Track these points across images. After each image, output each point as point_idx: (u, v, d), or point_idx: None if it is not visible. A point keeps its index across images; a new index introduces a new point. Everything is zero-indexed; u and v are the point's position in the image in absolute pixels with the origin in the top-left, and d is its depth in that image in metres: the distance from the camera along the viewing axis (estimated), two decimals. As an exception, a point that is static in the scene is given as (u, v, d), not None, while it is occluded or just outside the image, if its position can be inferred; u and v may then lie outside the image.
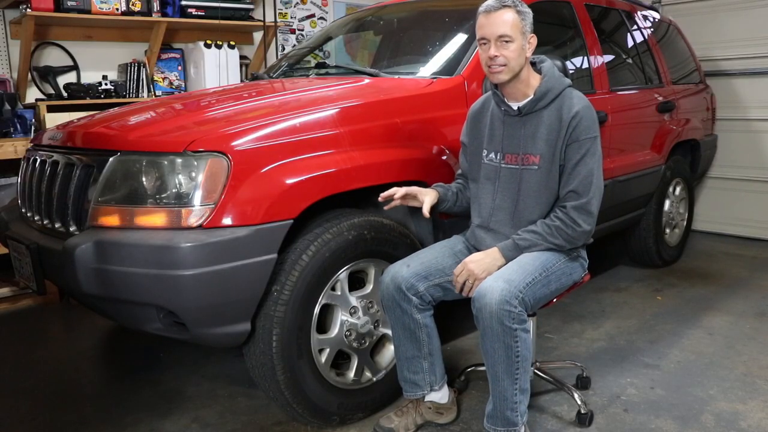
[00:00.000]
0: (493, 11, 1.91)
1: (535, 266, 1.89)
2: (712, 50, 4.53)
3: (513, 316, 1.76)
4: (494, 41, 1.90)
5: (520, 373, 1.83)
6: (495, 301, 1.76)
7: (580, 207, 1.93)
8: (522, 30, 1.91)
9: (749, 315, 3.14)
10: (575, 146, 1.93)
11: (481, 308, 1.79)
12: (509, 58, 1.90)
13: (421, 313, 2.00)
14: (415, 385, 2.08)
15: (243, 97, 2.47)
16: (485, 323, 1.79)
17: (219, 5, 4.25)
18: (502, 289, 1.77)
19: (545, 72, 1.99)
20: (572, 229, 1.93)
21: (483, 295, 1.79)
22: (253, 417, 2.24)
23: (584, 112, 1.94)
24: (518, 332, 1.78)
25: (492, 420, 1.90)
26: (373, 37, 3.45)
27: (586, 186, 1.93)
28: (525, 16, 1.93)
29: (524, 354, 1.82)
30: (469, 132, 2.15)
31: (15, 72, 3.84)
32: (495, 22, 1.90)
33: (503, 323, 1.76)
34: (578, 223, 1.93)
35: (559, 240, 1.94)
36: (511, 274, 1.84)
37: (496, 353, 1.81)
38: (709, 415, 2.21)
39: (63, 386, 2.51)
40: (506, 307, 1.75)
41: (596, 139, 1.96)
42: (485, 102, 2.13)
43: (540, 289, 1.88)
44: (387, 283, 1.99)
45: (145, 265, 1.76)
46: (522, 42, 1.91)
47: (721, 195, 4.68)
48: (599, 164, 1.97)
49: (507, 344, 1.79)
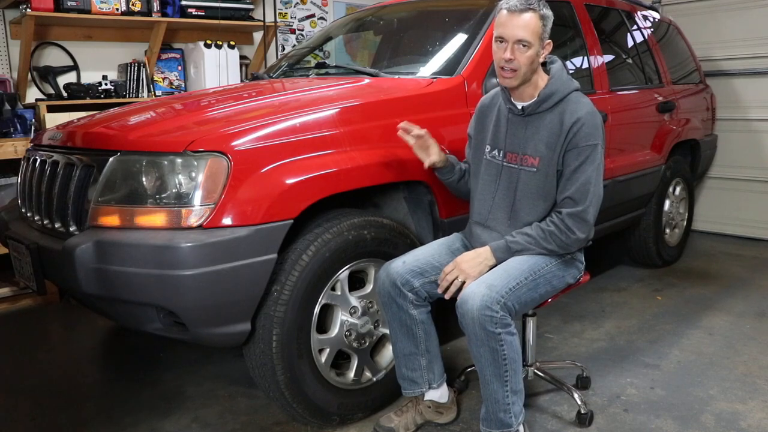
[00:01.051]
0: (518, 12, 1.86)
1: (522, 270, 1.88)
2: (712, 50, 4.53)
3: (495, 320, 1.76)
4: (512, 43, 1.87)
5: (510, 375, 1.83)
6: (476, 306, 1.76)
7: (576, 215, 1.91)
8: (540, 36, 1.88)
9: (749, 315, 3.14)
10: (574, 152, 1.91)
11: (463, 314, 1.80)
12: (522, 64, 1.87)
13: (416, 309, 2.00)
14: (413, 383, 2.08)
15: (243, 97, 2.47)
16: (469, 329, 1.80)
17: (219, 5, 4.25)
18: (483, 295, 1.78)
19: (553, 74, 1.96)
20: (566, 236, 1.92)
21: (465, 301, 1.80)
22: (253, 417, 2.24)
23: (587, 118, 1.90)
24: (502, 336, 1.78)
25: (486, 423, 1.90)
26: (373, 37, 3.45)
27: (583, 194, 1.91)
28: (546, 21, 1.89)
29: (511, 356, 1.82)
30: (476, 125, 2.15)
31: (15, 72, 3.84)
32: (517, 24, 1.86)
33: (485, 328, 1.76)
34: (573, 230, 1.91)
35: (552, 245, 1.93)
36: (495, 279, 1.83)
37: (482, 357, 1.82)
38: (709, 415, 2.21)
39: (63, 386, 2.51)
40: (487, 312, 1.76)
41: (597, 147, 1.91)
42: (494, 97, 2.11)
43: (526, 293, 1.87)
44: (383, 279, 2.00)
45: (145, 265, 1.77)
46: (538, 48, 1.88)
47: (721, 195, 4.67)
48: (599, 172, 1.93)
49: (492, 348, 1.79)
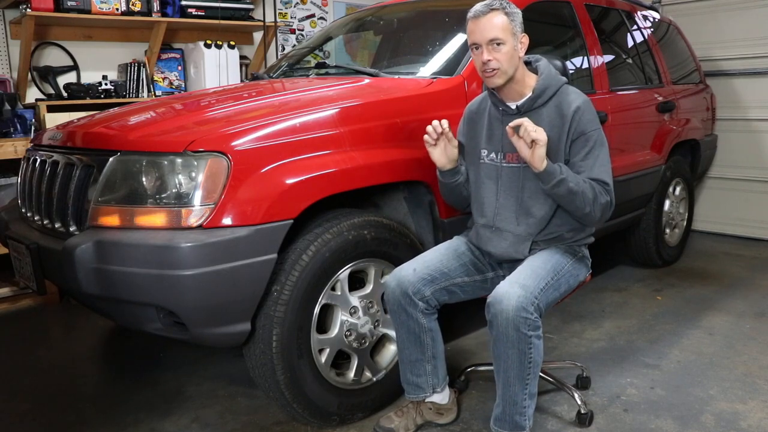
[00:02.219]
0: (482, 16, 1.91)
1: (547, 270, 1.89)
2: (712, 50, 4.52)
3: (529, 323, 1.76)
4: (485, 45, 1.90)
5: (531, 379, 1.83)
6: (512, 307, 1.74)
7: (602, 184, 1.93)
8: (512, 31, 1.90)
9: (749, 315, 3.14)
10: (582, 139, 1.94)
11: (496, 314, 1.77)
12: (501, 61, 1.90)
13: (426, 318, 1.99)
14: (417, 388, 2.07)
15: (243, 97, 2.47)
16: (500, 329, 1.77)
17: (219, 5, 4.25)
18: (519, 296, 1.76)
19: (542, 70, 1.99)
20: (597, 196, 1.91)
21: (499, 301, 1.77)
22: (253, 417, 2.24)
23: (585, 106, 1.96)
24: (533, 339, 1.78)
25: (500, 423, 1.89)
26: (373, 37, 3.45)
27: (601, 172, 1.94)
28: (514, 17, 1.92)
29: (536, 360, 1.81)
30: (466, 132, 2.14)
31: (15, 72, 3.84)
32: (485, 26, 1.90)
33: (519, 330, 1.75)
34: (602, 194, 1.93)
35: (589, 195, 1.89)
36: (526, 279, 1.82)
37: (509, 359, 1.80)
38: (709, 415, 2.21)
39: (63, 386, 2.51)
40: (523, 314, 1.75)
41: (600, 131, 1.97)
42: (482, 102, 2.13)
43: (552, 294, 1.89)
44: (393, 288, 1.97)
45: (145, 265, 1.76)
46: (513, 43, 1.91)
47: (721, 195, 4.67)
48: (608, 154, 1.98)
49: (521, 351, 1.78)
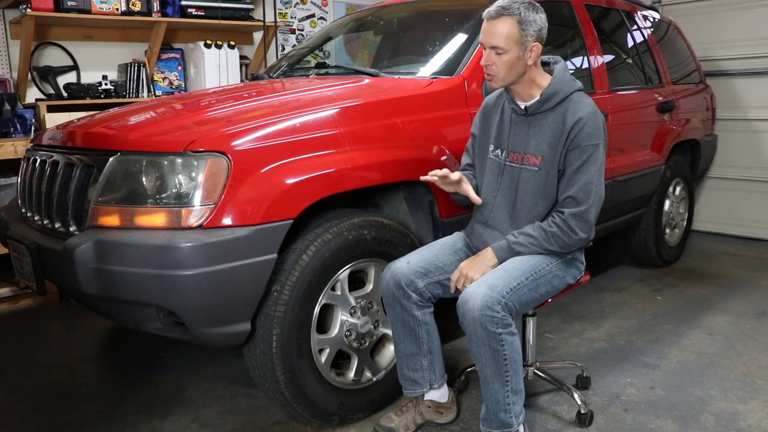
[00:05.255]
0: (492, 19, 1.89)
1: (523, 270, 1.89)
2: (712, 50, 4.53)
3: (496, 320, 1.76)
4: (488, 49, 1.90)
5: (510, 375, 1.83)
6: (477, 306, 1.76)
7: (578, 215, 1.91)
8: (519, 40, 1.87)
9: (749, 315, 3.14)
10: (576, 152, 1.91)
11: (464, 314, 1.80)
12: (499, 69, 1.89)
13: (420, 310, 2.00)
14: (414, 383, 2.08)
15: (243, 97, 2.47)
16: (470, 328, 1.80)
17: (219, 5, 4.25)
18: (484, 295, 1.78)
19: (556, 74, 1.97)
20: (568, 236, 1.92)
21: (466, 301, 1.80)
22: (253, 417, 2.24)
23: (588, 118, 1.90)
24: (503, 336, 1.78)
25: (487, 423, 1.90)
26: (373, 37, 3.45)
27: (586, 194, 1.90)
28: (527, 24, 1.86)
29: (512, 356, 1.82)
30: (481, 125, 2.14)
31: (15, 72, 3.84)
32: (491, 31, 1.89)
33: (486, 328, 1.77)
34: (575, 230, 1.91)
35: (554, 246, 1.93)
36: (496, 279, 1.83)
37: (482, 357, 1.82)
38: (709, 415, 2.21)
39: (63, 386, 2.51)
40: (488, 312, 1.76)
41: (599, 147, 1.92)
42: (500, 96, 2.11)
43: (527, 294, 1.87)
44: (387, 279, 1.99)
45: (145, 265, 1.76)
46: (517, 53, 1.87)
47: (721, 195, 4.67)
48: (601, 172, 1.93)
49: (493, 348, 1.79)
